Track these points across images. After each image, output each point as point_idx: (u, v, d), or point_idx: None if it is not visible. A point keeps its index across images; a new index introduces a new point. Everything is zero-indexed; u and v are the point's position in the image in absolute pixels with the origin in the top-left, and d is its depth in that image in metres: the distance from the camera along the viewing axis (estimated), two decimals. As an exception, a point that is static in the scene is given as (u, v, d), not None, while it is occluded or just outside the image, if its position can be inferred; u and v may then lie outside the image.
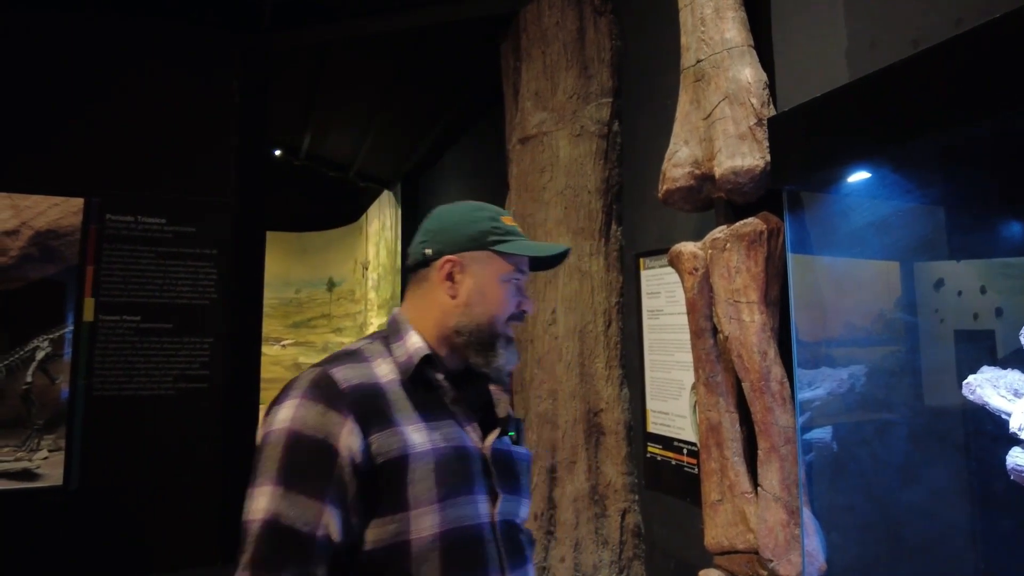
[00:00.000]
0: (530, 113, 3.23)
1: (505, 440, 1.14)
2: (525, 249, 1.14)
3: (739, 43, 1.94)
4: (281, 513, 0.91)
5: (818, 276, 1.75)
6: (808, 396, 1.66)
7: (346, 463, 0.94)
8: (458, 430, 1.06)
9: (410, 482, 0.97)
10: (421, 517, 0.96)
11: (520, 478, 1.14)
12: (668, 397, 2.53)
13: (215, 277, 3.99)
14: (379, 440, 0.97)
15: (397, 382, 1.05)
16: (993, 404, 1.12)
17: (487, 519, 1.04)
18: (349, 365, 1.04)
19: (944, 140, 1.12)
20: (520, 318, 1.16)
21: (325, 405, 0.96)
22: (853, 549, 1.75)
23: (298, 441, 0.94)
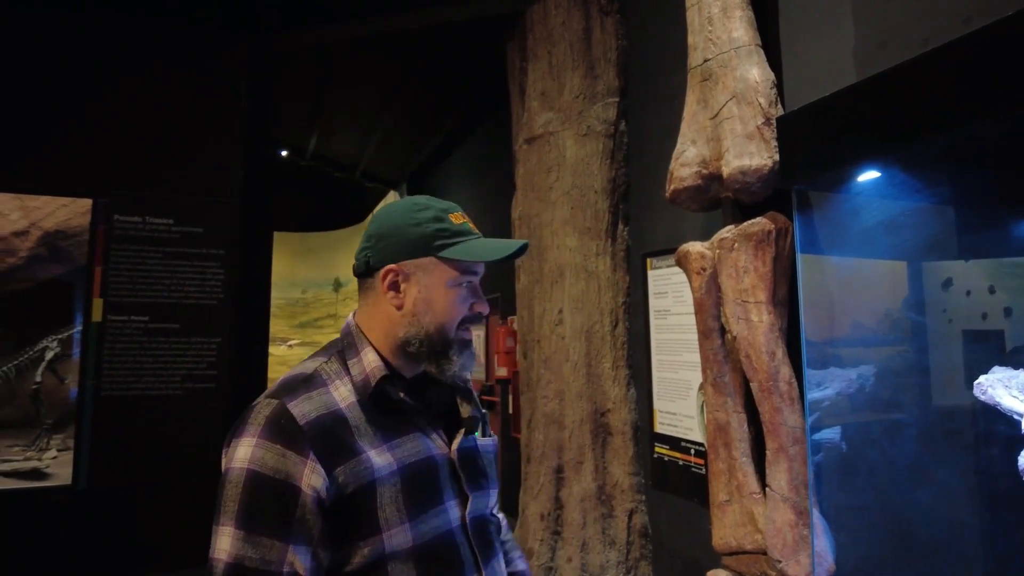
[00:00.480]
0: (536, 113, 3.23)
1: (471, 438, 1.15)
2: (473, 253, 1.09)
3: (746, 42, 1.93)
4: (244, 556, 0.92)
5: (826, 276, 1.74)
6: (817, 396, 1.66)
7: (309, 502, 0.94)
8: (422, 441, 1.07)
9: (379, 507, 0.98)
10: (394, 537, 0.98)
11: (488, 472, 1.16)
12: (676, 397, 2.53)
13: (222, 277, 4.00)
14: (345, 472, 0.97)
15: (356, 404, 1.04)
16: (1005, 404, 1.12)
17: (458, 523, 1.06)
18: (305, 396, 1.01)
19: (953, 139, 1.12)
20: (475, 320, 1.12)
21: (283, 445, 0.95)
22: (863, 550, 1.74)
23: (258, 483, 0.94)
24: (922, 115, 1.14)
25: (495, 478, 1.19)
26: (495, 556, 1.12)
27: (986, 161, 1.46)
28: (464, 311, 1.10)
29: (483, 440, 1.18)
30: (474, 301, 1.11)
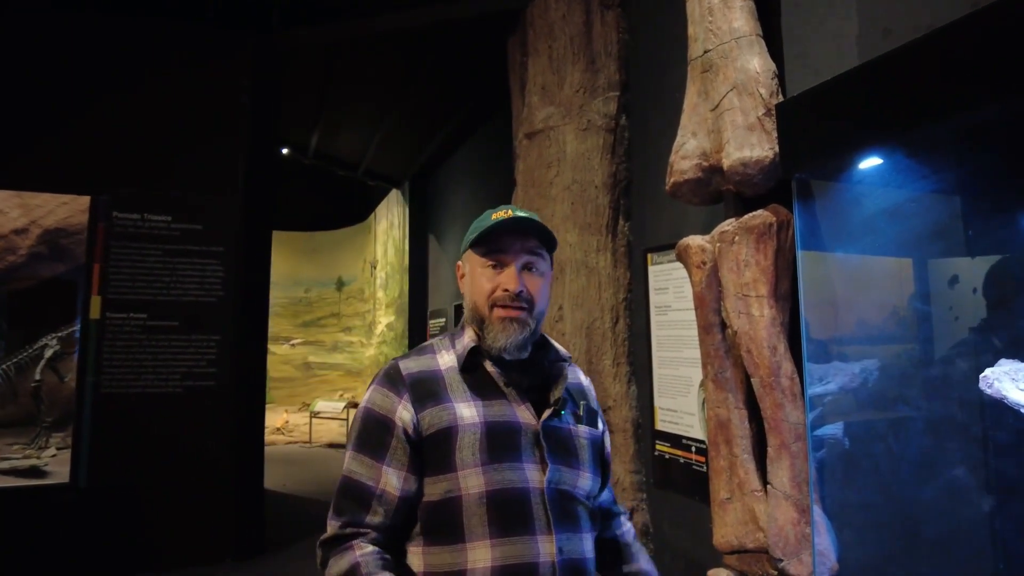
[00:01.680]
0: (537, 108, 3.20)
1: (564, 419, 1.27)
2: (474, 238, 1.27)
3: (747, 32, 1.90)
4: (352, 471, 1.19)
5: (829, 269, 1.71)
6: (819, 391, 1.62)
7: (400, 433, 1.17)
8: (509, 408, 1.21)
9: (457, 448, 1.15)
10: (467, 478, 1.14)
11: (578, 453, 1.25)
12: (676, 394, 2.49)
13: (222, 275, 3.99)
14: (431, 415, 1.17)
15: (454, 369, 1.25)
16: (1012, 398, 1.09)
17: (535, 485, 1.16)
18: (415, 358, 1.28)
19: (958, 124, 1.08)
20: (507, 299, 1.23)
21: (388, 389, 1.21)
22: (868, 547, 1.71)
23: (368, 417, 1.21)
24: (926, 99, 1.11)
25: (589, 464, 1.27)
26: (576, 531, 1.20)
27: (992, 154, 1.42)
28: (489, 288, 1.25)
29: (579, 427, 1.30)
30: (499, 282, 1.25)
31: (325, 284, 13.09)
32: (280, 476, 6.87)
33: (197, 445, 3.86)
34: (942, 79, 1.07)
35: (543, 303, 1.29)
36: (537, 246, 1.28)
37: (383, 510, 1.16)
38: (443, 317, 7.06)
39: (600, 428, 1.37)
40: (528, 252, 1.26)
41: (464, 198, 6.77)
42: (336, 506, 1.19)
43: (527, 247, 1.27)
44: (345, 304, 12.94)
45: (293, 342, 13.03)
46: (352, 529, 1.16)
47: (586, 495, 1.25)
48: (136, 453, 3.77)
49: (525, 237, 1.27)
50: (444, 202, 7.48)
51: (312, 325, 13.29)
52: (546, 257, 1.31)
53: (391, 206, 9.41)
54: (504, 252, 1.25)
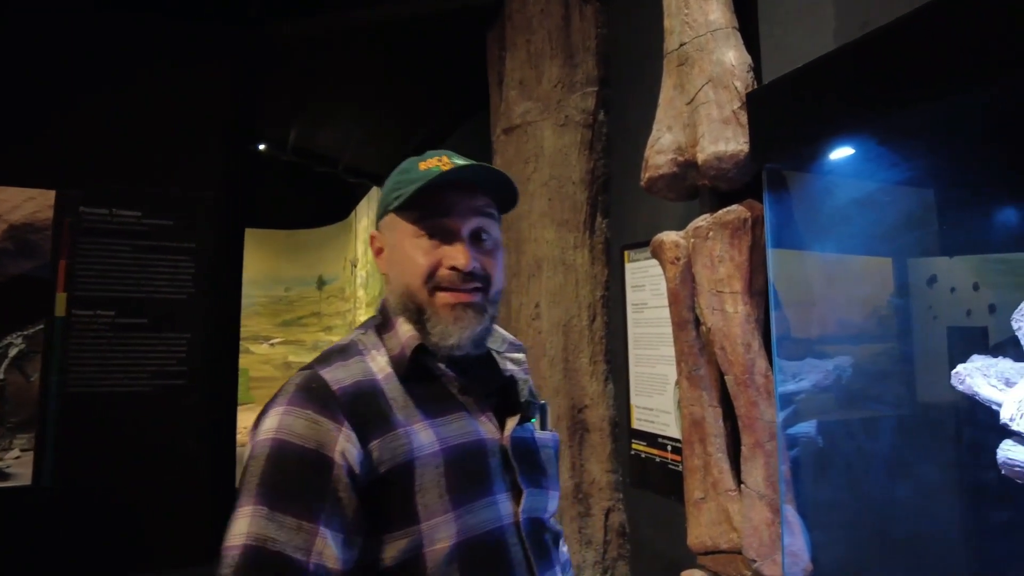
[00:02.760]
0: (514, 103, 3.16)
1: (527, 427, 1.01)
2: (401, 198, 0.93)
3: (723, 25, 1.87)
4: (266, 537, 0.78)
5: (804, 264, 1.68)
6: (793, 389, 1.60)
7: (343, 475, 0.82)
8: (470, 422, 0.94)
9: (418, 490, 0.85)
10: (435, 529, 0.85)
11: (546, 469, 1.03)
12: (653, 392, 2.46)
13: (193, 271, 3.90)
14: (380, 447, 0.86)
15: (393, 377, 0.93)
16: (983, 394, 1.06)
17: (510, 520, 0.92)
18: (340, 364, 0.92)
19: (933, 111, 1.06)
20: (455, 280, 0.93)
21: (315, 411, 0.85)
22: (842, 547, 1.68)
23: (285, 452, 0.82)
24: (901, 84, 1.08)
25: (555, 478, 1.05)
26: (551, 567, 0.97)
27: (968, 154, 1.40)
28: (428, 267, 0.94)
29: (542, 433, 1.06)
30: (444, 256, 0.93)
31: (306, 283, 12.96)
32: (257, 477, 6.77)
33: (167, 445, 3.78)
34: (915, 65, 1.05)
35: (500, 281, 0.99)
36: (488, 205, 0.99)
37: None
38: (423, 316, 7.00)
39: (553, 432, 1.13)
40: (478, 213, 0.97)
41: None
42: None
43: (476, 207, 0.97)
44: (326, 303, 12.82)
45: (272, 342, 12.89)
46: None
47: (550, 517, 1.04)
48: (103, 454, 3.68)
49: (473, 194, 0.97)
50: (425, 200, 7.41)
51: (292, 324, 13.15)
52: (498, 218, 1.01)
53: (372, 204, 9.33)
54: (446, 216, 0.95)
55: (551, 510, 1.03)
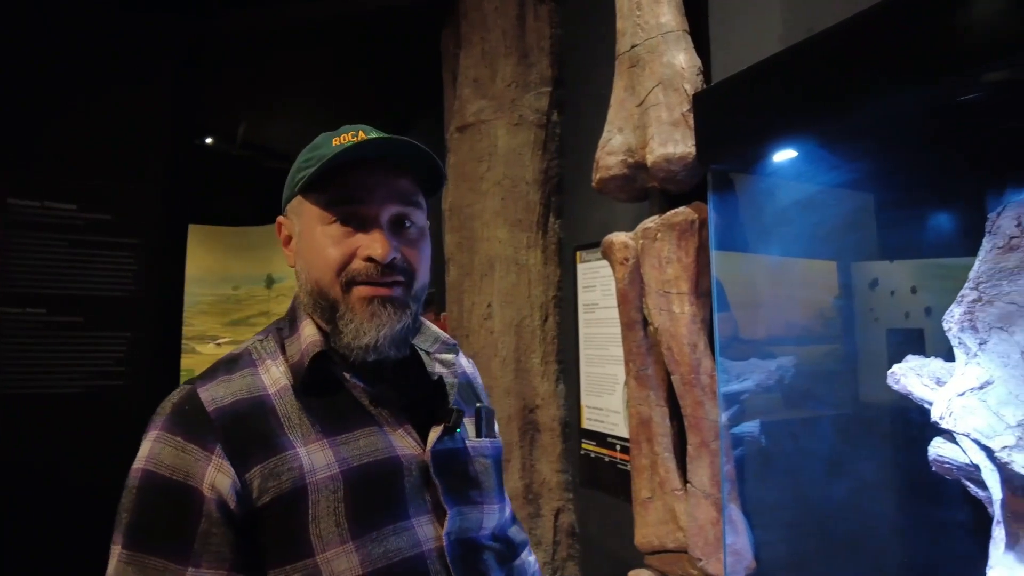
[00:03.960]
0: (468, 100, 3.13)
1: (458, 436, 0.91)
2: (308, 177, 0.81)
3: (674, 27, 1.89)
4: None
5: (748, 265, 1.71)
6: (736, 389, 1.62)
7: (213, 509, 0.75)
8: (382, 437, 0.84)
9: (312, 519, 0.77)
10: (333, 561, 0.76)
11: (480, 482, 0.93)
12: (602, 392, 2.47)
13: (134, 268, 3.75)
14: (262, 474, 0.77)
15: (289, 390, 0.84)
16: (917, 394, 1.09)
17: (431, 545, 0.83)
18: (224, 379, 0.84)
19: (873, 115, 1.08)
20: (372, 272, 0.82)
21: (184, 438, 0.78)
22: (787, 545, 1.71)
23: (152, 487, 0.76)
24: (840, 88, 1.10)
25: (495, 491, 0.95)
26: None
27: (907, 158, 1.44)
28: (340, 258, 0.83)
29: (477, 441, 0.95)
30: (360, 245, 0.82)
31: (255, 281, 12.63)
32: (201, 481, 6.58)
33: (103, 450, 3.62)
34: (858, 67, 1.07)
35: (424, 273, 0.90)
36: (412, 189, 0.88)
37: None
38: (375, 315, 6.90)
39: (498, 435, 1.05)
40: (399, 198, 0.85)
41: (399, 194, 6.64)
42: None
43: (397, 190, 0.85)
44: (276, 302, 12.52)
45: (220, 341, 12.54)
46: None
47: (492, 535, 0.94)
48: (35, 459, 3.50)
49: (394, 174, 0.86)
50: (379, 198, 7.33)
51: (241, 324, 12.79)
52: (423, 205, 0.91)
53: (324, 201, 9.18)
54: (362, 200, 0.83)
55: (489, 526, 0.93)
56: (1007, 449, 0.90)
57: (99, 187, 3.73)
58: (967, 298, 1.02)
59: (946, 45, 0.97)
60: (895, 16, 1.04)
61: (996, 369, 0.96)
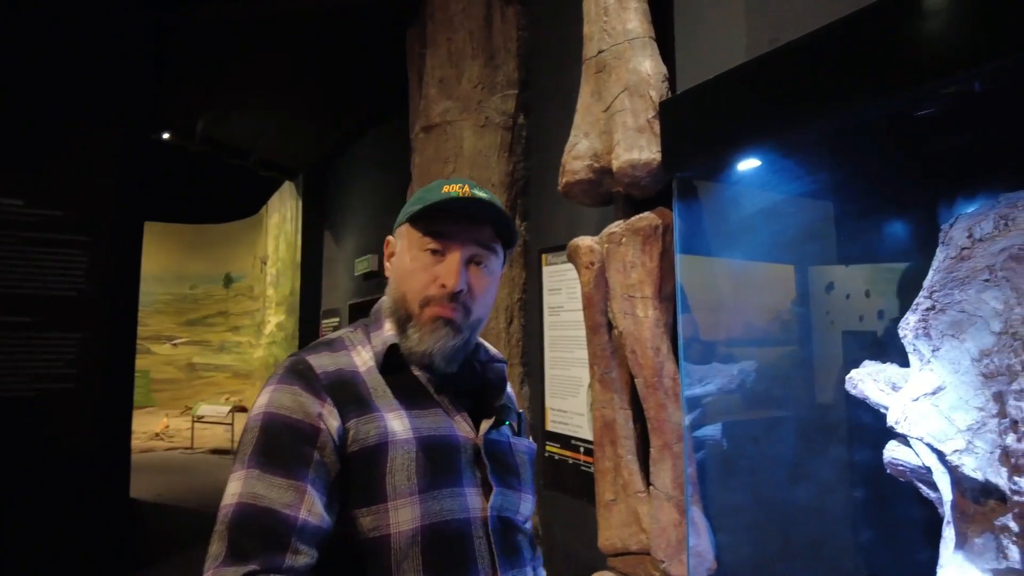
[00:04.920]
0: (434, 101, 3.12)
1: (503, 431, 1.06)
2: (415, 212, 1.01)
3: (641, 34, 1.91)
4: (257, 495, 0.85)
5: (711, 271, 1.73)
6: (699, 392, 1.64)
7: (327, 442, 0.90)
8: (444, 419, 0.99)
9: (388, 472, 0.91)
10: (399, 510, 0.90)
11: (519, 472, 1.06)
12: (567, 395, 2.48)
13: (86, 266, 3.63)
14: (356, 426, 0.92)
15: (375, 370, 1.00)
16: (873, 398, 1.12)
17: (477, 514, 0.96)
18: (327, 353, 1.00)
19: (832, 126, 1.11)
20: (444, 298, 0.99)
21: (301, 388, 0.93)
22: (748, 546, 1.74)
23: (274, 423, 0.90)
24: (803, 99, 1.13)
25: (529, 483, 1.08)
26: (521, 566, 1.00)
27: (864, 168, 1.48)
28: (423, 281, 1.00)
29: (516, 439, 1.10)
30: (439, 274, 0.99)
31: (212, 280, 12.35)
32: (156, 485, 6.40)
33: (52, 453, 3.49)
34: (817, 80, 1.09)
35: (484, 309, 1.04)
36: (492, 239, 1.03)
37: (306, 549, 0.85)
38: (336, 317, 6.81)
39: (531, 440, 1.18)
40: (479, 243, 1.02)
41: (361, 193, 6.55)
42: (234, 546, 0.82)
43: (479, 237, 1.02)
44: (234, 302, 12.26)
45: (176, 341, 12.21)
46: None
47: (525, 521, 1.06)
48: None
49: (479, 225, 1.02)
50: (340, 196, 7.23)
51: (198, 324, 12.51)
52: (500, 253, 1.06)
53: (284, 199, 9.01)
54: (449, 236, 1.01)
55: (524, 513, 1.05)
56: (957, 453, 0.93)
57: (49, 182, 3.60)
58: (921, 306, 1.05)
59: (903, 60, 1.00)
60: (855, 31, 1.06)
61: (948, 375, 0.99)
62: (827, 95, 1.09)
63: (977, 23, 0.93)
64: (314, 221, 7.81)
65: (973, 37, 0.93)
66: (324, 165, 7.64)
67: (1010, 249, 0.90)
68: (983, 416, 0.92)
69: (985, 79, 0.94)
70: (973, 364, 0.95)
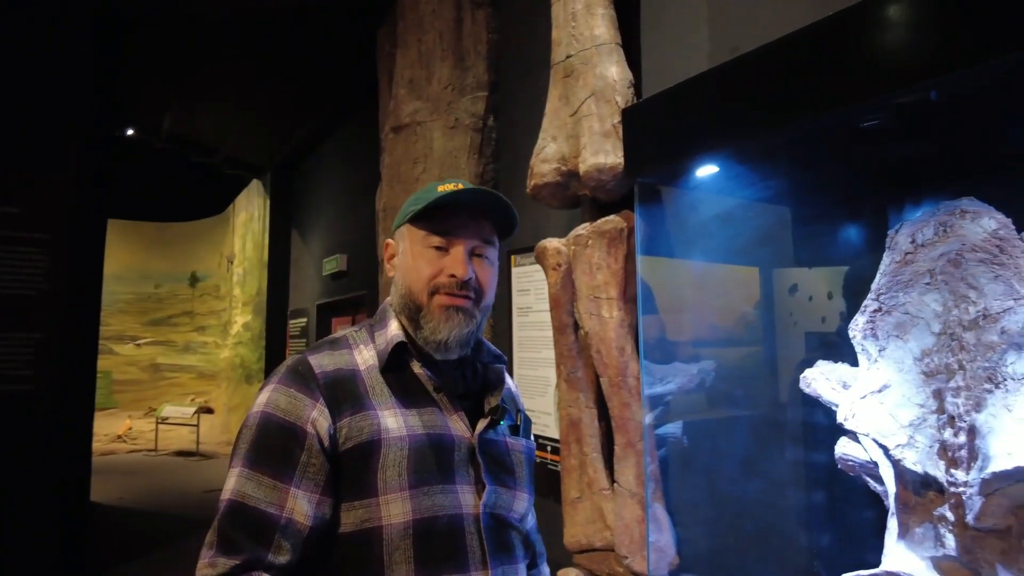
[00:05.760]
0: (404, 101, 3.12)
1: (499, 430, 1.10)
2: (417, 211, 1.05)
3: (608, 40, 1.94)
4: (246, 494, 0.93)
5: (674, 274, 1.77)
6: (660, 391, 1.68)
7: (315, 444, 0.95)
8: (440, 418, 1.04)
9: (380, 467, 0.96)
10: (390, 504, 0.95)
11: (514, 471, 1.10)
12: (535, 394, 2.51)
13: (45, 265, 3.54)
14: (350, 424, 0.97)
15: (375, 369, 1.05)
16: (825, 397, 1.16)
17: (469, 510, 1.00)
18: (328, 352, 1.05)
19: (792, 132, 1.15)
20: (452, 286, 1.04)
21: (296, 389, 0.99)
22: (705, 540, 1.79)
23: (269, 424, 0.97)
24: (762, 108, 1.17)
25: (526, 482, 1.12)
26: (512, 562, 1.04)
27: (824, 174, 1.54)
28: (430, 272, 1.05)
29: (514, 439, 1.14)
30: (445, 265, 1.05)
31: (177, 279, 12.11)
32: (117, 488, 6.27)
33: (10, 456, 3.40)
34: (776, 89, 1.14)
35: (490, 295, 1.10)
36: (490, 232, 1.10)
37: (289, 545, 0.92)
38: (304, 317, 6.74)
39: (533, 441, 1.22)
40: (480, 236, 1.07)
41: (330, 192, 6.51)
42: (225, 539, 0.91)
43: (479, 229, 1.07)
44: (199, 301, 12.04)
45: (139, 342, 11.95)
46: (250, 572, 0.90)
47: (520, 519, 1.10)
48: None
49: (478, 219, 1.08)
50: (309, 195, 7.16)
51: (162, 323, 12.26)
52: (497, 246, 1.13)
53: (252, 197, 8.88)
54: (453, 232, 1.06)
55: (519, 510, 1.09)
56: (900, 447, 0.98)
57: (6, 178, 3.51)
58: (869, 308, 1.10)
59: (859, 71, 1.05)
60: (812, 43, 1.11)
61: (893, 374, 1.04)
62: (784, 105, 1.14)
63: (933, 36, 0.97)
64: (282, 220, 7.72)
65: (928, 50, 0.98)
66: (292, 163, 7.57)
67: (948, 254, 0.95)
68: (924, 412, 0.97)
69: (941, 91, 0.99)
70: (915, 363, 1.00)
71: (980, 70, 0.91)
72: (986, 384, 0.88)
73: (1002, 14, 0.89)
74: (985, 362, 0.89)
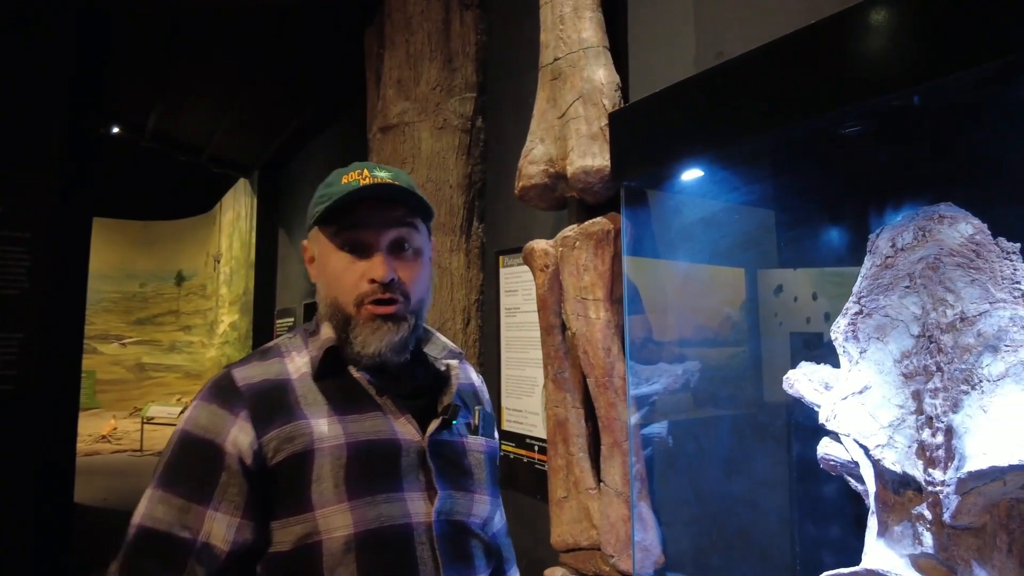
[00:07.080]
0: (392, 101, 3.12)
1: (456, 430, 1.03)
2: (321, 212, 0.98)
3: (595, 43, 1.96)
4: (156, 518, 0.87)
5: (660, 276, 1.79)
6: (646, 392, 1.70)
7: (234, 464, 0.89)
8: (385, 422, 0.96)
9: (315, 479, 0.89)
10: (329, 517, 0.88)
11: (472, 472, 1.03)
12: (522, 394, 2.52)
13: (28, 264, 3.51)
14: (278, 437, 0.91)
15: (308, 376, 0.98)
16: (808, 397, 1.18)
17: (420, 519, 0.93)
18: (255, 364, 0.99)
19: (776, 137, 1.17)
20: (376, 292, 0.96)
21: (218, 404, 0.93)
22: (691, 540, 1.81)
23: (186, 442, 0.91)
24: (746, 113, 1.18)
25: (487, 484, 1.05)
26: (470, 574, 0.97)
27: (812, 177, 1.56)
28: (350, 280, 0.97)
29: (472, 437, 1.06)
30: (366, 269, 0.97)
31: (163, 278, 12.02)
32: (101, 490, 6.22)
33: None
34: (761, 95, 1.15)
35: (421, 289, 1.02)
36: (406, 214, 1.00)
37: (205, 572, 0.86)
38: (291, 317, 6.72)
39: (496, 438, 1.15)
40: (396, 224, 0.98)
41: (318, 191, 6.49)
42: (131, 570, 0.86)
43: (394, 218, 0.98)
44: (185, 301, 11.95)
45: (125, 341, 11.85)
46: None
47: (482, 524, 1.03)
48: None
49: (390, 206, 0.99)
50: (296, 194, 7.14)
51: (148, 323, 12.17)
52: (421, 227, 1.04)
53: (238, 196, 8.84)
54: (363, 229, 0.97)
55: (480, 515, 1.02)
56: (880, 447, 0.99)
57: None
58: (850, 310, 1.12)
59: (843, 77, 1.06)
60: (797, 49, 1.13)
61: (873, 375, 1.06)
62: (768, 110, 1.15)
63: (919, 43, 0.99)
64: (269, 219, 7.69)
65: (913, 56, 1.00)
66: (279, 163, 7.53)
67: (927, 259, 0.97)
68: (903, 413, 0.99)
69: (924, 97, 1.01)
70: (895, 365, 1.02)
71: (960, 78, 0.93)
72: (963, 385, 0.90)
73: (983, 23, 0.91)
74: (962, 364, 0.91)
